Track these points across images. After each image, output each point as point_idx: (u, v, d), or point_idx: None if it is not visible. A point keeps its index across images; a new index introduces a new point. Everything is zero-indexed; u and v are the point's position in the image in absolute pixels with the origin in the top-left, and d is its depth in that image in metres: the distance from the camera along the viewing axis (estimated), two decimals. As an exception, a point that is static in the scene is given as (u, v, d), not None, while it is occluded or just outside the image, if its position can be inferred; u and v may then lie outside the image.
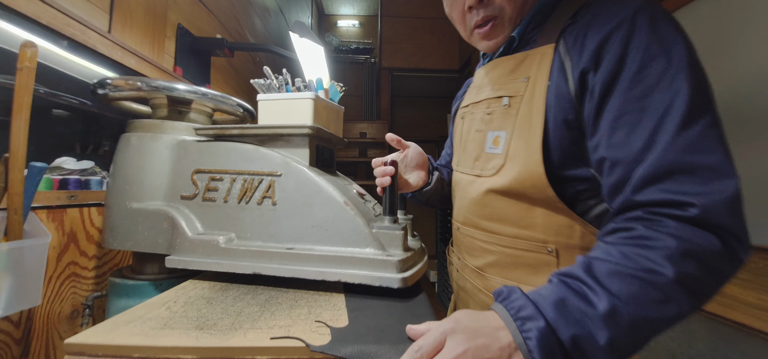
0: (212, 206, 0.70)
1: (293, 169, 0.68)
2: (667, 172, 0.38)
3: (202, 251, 0.66)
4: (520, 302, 0.38)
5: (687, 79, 0.39)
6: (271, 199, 0.68)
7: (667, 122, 0.39)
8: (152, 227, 0.69)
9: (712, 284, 0.37)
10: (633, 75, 0.42)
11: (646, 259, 0.36)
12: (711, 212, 0.36)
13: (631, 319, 0.35)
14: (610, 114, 0.43)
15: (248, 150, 0.71)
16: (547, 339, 0.35)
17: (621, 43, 0.43)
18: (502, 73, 0.60)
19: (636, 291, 0.35)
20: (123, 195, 0.71)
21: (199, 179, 0.71)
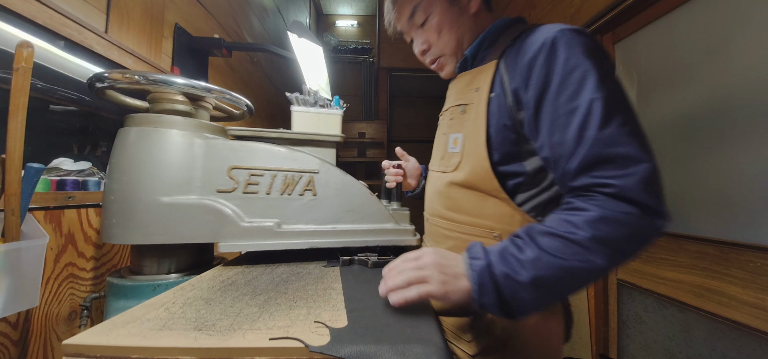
0: (254, 198, 0.82)
1: (327, 168, 0.88)
2: (593, 163, 0.48)
3: (256, 235, 0.79)
4: (476, 250, 0.52)
5: (601, 87, 0.49)
6: (312, 191, 0.86)
7: (590, 122, 0.48)
8: (192, 219, 0.76)
9: (628, 244, 0.46)
10: (557, 87, 0.52)
11: (571, 223, 0.47)
12: (627, 189, 0.45)
13: (549, 264, 0.46)
14: (547, 121, 0.54)
15: (283, 151, 0.86)
16: (484, 271, 0.48)
17: (545, 63, 0.53)
18: (461, 86, 0.72)
19: (558, 245, 0.46)
20: (150, 190, 0.73)
21: (237, 175, 0.81)
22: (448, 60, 0.74)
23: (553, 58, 0.53)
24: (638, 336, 1.48)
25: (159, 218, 0.74)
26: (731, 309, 1.09)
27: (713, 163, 1.15)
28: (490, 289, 0.47)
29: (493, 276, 0.47)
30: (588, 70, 0.50)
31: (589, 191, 0.48)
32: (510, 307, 0.47)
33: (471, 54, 0.70)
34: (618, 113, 0.48)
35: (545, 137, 0.54)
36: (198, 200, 0.76)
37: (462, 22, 0.69)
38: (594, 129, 0.48)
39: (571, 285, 0.47)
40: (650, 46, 1.42)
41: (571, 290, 0.48)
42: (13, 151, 0.61)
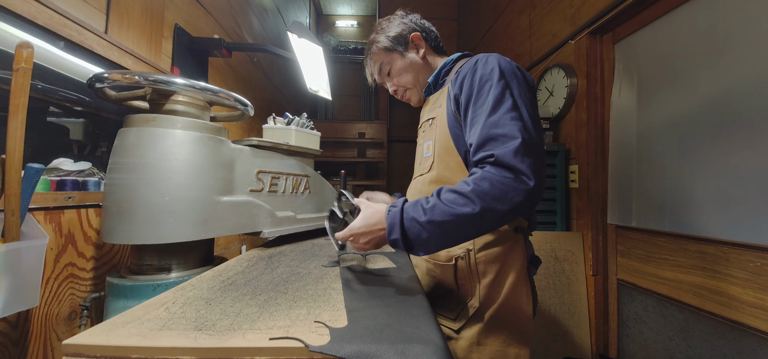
0: (276, 195, 1.09)
1: (313, 172, 1.30)
2: (484, 141, 0.64)
3: (286, 223, 1.12)
4: (397, 202, 0.66)
5: (499, 89, 0.66)
6: (308, 190, 1.25)
7: (486, 111, 0.66)
8: (242, 214, 0.95)
9: (500, 201, 0.58)
10: (476, 94, 0.70)
11: (464, 182, 0.61)
12: (503, 158, 0.59)
13: (442, 211, 0.59)
14: (469, 119, 0.70)
15: (290, 160, 1.17)
16: (396, 215, 0.63)
17: (470, 77, 0.73)
18: (429, 106, 0.91)
19: (451, 197, 0.60)
20: (206, 190, 0.84)
21: (263, 178, 1.04)
22: (412, 92, 0.97)
23: (474, 73, 0.72)
24: (638, 336, 1.48)
25: (219, 215, 0.88)
26: (731, 309, 1.09)
27: (713, 163, 1.15)
28: (397, 228, 0.62)
29: (402, 220, 0.62)
30: (493, 80, 0.68)
31: (481, 162, 0.63)
32: (410, 242, 0.61)
33: (433, 82, 0.91)
34: (505, 104, 0.65)
35: (468, 130, 0.70)
36: (244, 198, 0.96)
37: (414, 65, 0.93)
38: (485, 116, 0.65)
39: (457, 227, 0.59)
40: (650, 46, 1.42)
41: (459, 231, 0.60)
42: (13, 151, 0.61)
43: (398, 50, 0.94)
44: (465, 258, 0.76)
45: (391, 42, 0.94)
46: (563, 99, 1.81)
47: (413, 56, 0.94)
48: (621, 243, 1.57)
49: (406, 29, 0.94)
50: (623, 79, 1.57)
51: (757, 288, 1.02)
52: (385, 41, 0.95)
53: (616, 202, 1.57)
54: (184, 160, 0.79)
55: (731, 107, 1.10)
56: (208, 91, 0.84)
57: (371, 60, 0.98)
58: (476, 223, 0.59)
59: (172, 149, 0.77)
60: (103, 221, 0.77)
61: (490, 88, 0.67)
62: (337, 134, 4.01)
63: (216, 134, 0.87)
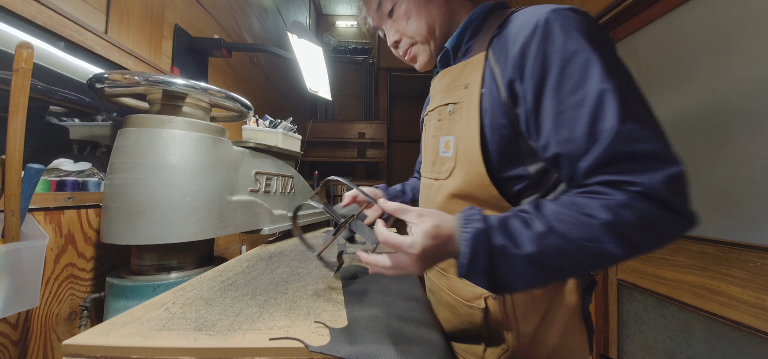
0: (270, 195, 1.14)
1: (295, 173, 1.34)
2: (612, 159, 0.42)
3: (281, 220, 1.17)
4: (472, 211, 0.45)
5: (609, 75, 0.43)
6: (294, 189, 1.31)
7: (604, 115, 0.42)
8: (247, 212, 0.99)
9: (648, 239, 0.41)
10: (558, 75, 0.45)
11: (587, 206, 0.41)
12: (654, 189, 0.40)
13: (556, 246, 0.41)
14: (550, 114, 0.47)
15: (278, 161, 1.21)
16: (479, 237, 0.42)
17: (540, 49, 0.47)
18: (447, 83, 0.64)
19: (570, 227, 0.41)
20: (220, 189, 0.87)
21: (259, 178, 1.08)
22: (421, 49, 0.67)
23: (548, 43, 0.46)
24: (638, 336, 1.48)
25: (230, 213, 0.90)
26: (731, 309, 1.09)
27: (713, 163, 1.15)
28: (483, 259, 0.42)
29: (489, 245, 0.42)
30: (590, 57, 0.44)
31: (608, 186, 0.42)
32: (500, 280, 0.43)
33: (453, 46, 0.63)
34: (634, 105, 0.43)
35: (550, 134, 0.47)
36: (247, 198, 0.99)
37: (431, 7, 0.64)
38: (612, 123, 0.41)
39: (574, 269, 0.44)
40: (650, 46, 1.42)
41: (570, 274, 0.45)
42: (13, 151, 0.61)
43: None
44: (499, 299, 0.56)
45: None
46: (563, 99, 1.80)
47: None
48: (621, 243, 1.57)
49: None
50: (623, 79, 1.56)
51: (757, 288, 1.02)
52: None
53: (616, 202, 1.57)
54: (201, 161, 0.81)
55: (731, 106, 1.10)
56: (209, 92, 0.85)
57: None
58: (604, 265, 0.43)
59: (186, 150, 0.79)
60: (104, 222, 0.77)
61: (592, 71, 0.44)
62: (337, 134, 4.01)
63: (219, 134, 0.88)
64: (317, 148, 4.00)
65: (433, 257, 0.44)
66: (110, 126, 1.02)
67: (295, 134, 1.45)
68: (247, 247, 1.91)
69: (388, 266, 0.46)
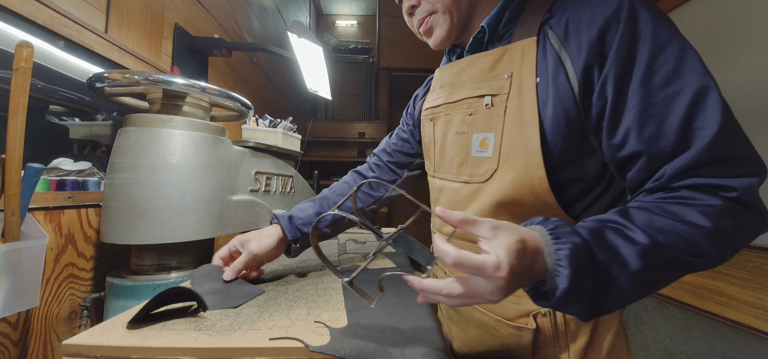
0: (269, 194, 1.13)
1: (295, 172, 1.33)
2: (708, 162, 0.38)
3: None
4: (557, 222, 0.38)
5: (707, 71, 0.40)
6: (294, 189, 1.31)
7: (703, 113, 0.39)
8: (247, 212, 0.98)
9: (739, 245, 0.39)
10: (647, 65, 0.41)
11: (686, 214, 0.37)
12: (749, 194, 0.38)
13: (667, 260, 0.36)
14: (635, 107, 0.41)
15: (278, 161, 1.21)
16: (582, 254, 0.35)
17: (626, 33, 0.42)
18: (480, 71, 0.55)
19: (673, 238, 0.37)
20: (221, 189, 0.87)
21: (259, 178, 1.08)
22: (440, 20, 0.57)
23: (636, 26, 0.41)
24: (638, 336, 1.48)
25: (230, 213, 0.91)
26: (731, 309, 1.09)
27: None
28: (588, 280, 0.35)
29: (594, 263, 0.35)
30: (686, 47, 0.40)
31: (699, 191, 0.39)
32: (600, 306, 0.37)
33: (490, 23, 0.54)
34: (726, 105, 0.40)
35: (631, 130, 0.42)
36: (247, 197, 0.99)
37: None
38: (714, 122, 0.38)
39: (669, 281, 0.39)
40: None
41: (664, 285, 0.40)
42: (13, 151, 0.61)
43: None
44: (549, 315, 0.51)
45: None
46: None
47: None
48: (621, 243, 1.57)
49: None
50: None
51: (757, 288, 1.02)
52: None
53: (616, 202, 1.57)
54: (201, 160, 0.81)
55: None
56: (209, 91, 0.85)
57: None
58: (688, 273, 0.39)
59: (186, 149, 0.79)
60: (104, 221, 0.77)
61: (687, 64, 0.40)
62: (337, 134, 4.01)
63: (219, 134, 0.88)
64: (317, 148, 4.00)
65: (520, 279, 0.35)
66: (110, 125, 1.02)
67: (295, 133, 1.46)
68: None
69: (459, 294, 0.36)
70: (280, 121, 1.37)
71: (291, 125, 1.43)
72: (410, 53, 3.93)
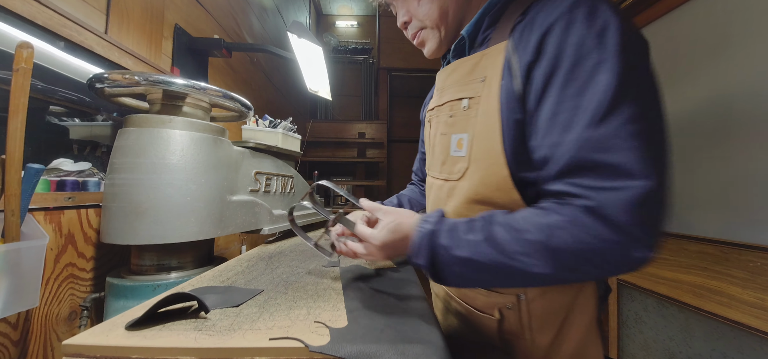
0: (269, 195, 1.13)
1: (295, 173, 1.34)
2: (575, 166, 0.39)
3: (281, 220, 1.17)
4: (432, 216, 0.50)
5: (616, 74, 0.39)
6: (294, 189, 1.32)
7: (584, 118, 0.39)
8: (247, 212, 0.99)
9: (587, 265, 0.38)
10: (566, 72, 0.41)
11: (528, 221, 0.41)
12: (606, 207, 0.36)
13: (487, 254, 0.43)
14: (547, 113, 0.43)
15: (278, 161, 1.23)
16: (427, 235, 0.47)
17: (559, 37, 0.42)
18: (462, 75, 0.58)
19: (506, 239, 0.41)
20: (221, 189, 0.88)
21: (259, 178, 1.08)
22: (430, 34, 0.62)
23: (569, 33, 0.42)
24: (638, 336, 1.48)
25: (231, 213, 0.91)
26: (731, 309, 1.09)
27: (713, 163, 1.15)
28: (425, 253, 0.47)
29: (433, 244, 0.47)
30: (606, 49, 0.40)
31: (562, 197, 0.40)
32: (439, 273, 0.48)
33: (469, 33, 0.57)
34: (625, 108, 0.38)
35: (543, 132, 0.44)
36: (247, 198, 0.99)
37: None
38: (585, 120, 0.39)
39: (501, 279, 0.45)
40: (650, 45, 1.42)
41: (500, 283, 0.48)
42: (13, 151, 0.61)
43: None
44: (515, 309, 0.54)
45: None
46: (563, 99, 1.81)
47: None
48: (621, 243, 1.57)
49: None
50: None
51: (757, 288, 1.02)
52: None
53: (616, 202, 1.57)
54: (201, 160, 0.81)
55: (731, 106, 1.10)
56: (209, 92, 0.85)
57: None
58: (540, 283, 0.41)
59: (186, 150, 0.79)
60: (104, 222, 0.77)
61: (599, 70, 0.39)
62: (337, 134, 4.02)
63: (219, 134, 0.88)
64: (317, 148, 4.00)
65: (392, 248, 0.51)
66: (110, 126, 1.03)
67: (295, 134, 1.46)
68: (247, 247, 1.91)
69: (360, 252, 0.54)
70: (280, 121, 1.37)
71: (291, 125, 1.43)
72: (410, 53, 3.93)
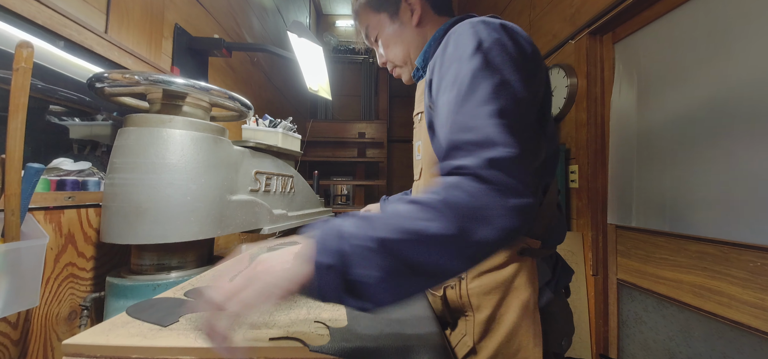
0: (269, 194, 1.14)
1: (295, 172, 1.36)
2: (448, 150, 0.45)
3: (281, 220, 1.18)
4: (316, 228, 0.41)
5: (471, 69, 0.47)
6: (294, 189, 1.33)
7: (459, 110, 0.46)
8: (247, 212, 0.99)
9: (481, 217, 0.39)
10: (442, 80, 0.52)
11: (427, 191, 0.41)
12: (476, 171, 0.41)
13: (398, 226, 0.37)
14: (436, 115, 0.53)
15: (278, 161, 1.22)
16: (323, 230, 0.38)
17: (439, 58, 0.54)
18: (419, 93, 0.71)
19: (411, 209, 0.39)
20: (221, 189, 0.87)
21: (259, 178, 1.08)
22: (402, 70, 0.78)
23: (444, 55, 0.53)
24: (638, 336, 1.48)
25: (230, 213, 0.91)
26: (731, 309, 1.09)
27: (713, 163, 1.15)
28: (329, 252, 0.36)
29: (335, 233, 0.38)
30: (462, 64, 0.48)
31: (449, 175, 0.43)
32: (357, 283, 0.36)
33: (421, 63, 0.71)
34: (479, 92, 0.45)
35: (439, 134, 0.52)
36: (247, 197, 1.00)
37: (405, 35, 0.72)
38: (452, 112, 0.46)
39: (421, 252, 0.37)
40: (650, 46, 1.42)
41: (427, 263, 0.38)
42: (13, 151, 0.61)
43: (386, 12, 0.72)
44: (455, 288, 0.59)
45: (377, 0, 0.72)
46: (563, 99, 1.80)
47: (405, 21, 0.71)
48: (621, 243, 1.57)
49: None
50: (623, 79, 1.57)
51: (757, 288, 1.02)
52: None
53: (616, 202, 1.57)
54: (201, 160, 0.81)
55: (731, 106, 1.10)
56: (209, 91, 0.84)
57: (359, 18, 0.78)
58: (450, 250, 0.38)
59: (186, 149, 0.79)
60: (104, 221, 0.77)
61: (459, 70, 0.48)
62: (337, 134, 4.02)
63: (219, 134, 0.88)
64: (317, 148, 4.00)
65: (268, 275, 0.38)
66: (110, 126, 1.02)
67: (295, 133, 1.46)
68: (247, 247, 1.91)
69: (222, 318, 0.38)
70: (280, 121, 1.37)
71: (291, 125, 1.43)
72: (410, 53, 3.92)
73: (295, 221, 1.29)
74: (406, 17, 0.71)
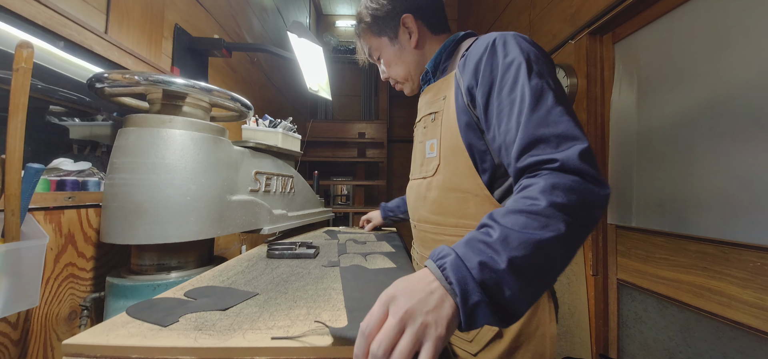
0: (269, 194, 1.14)
1: (295, 172, 1.36)
2: (530, 143, 0.51)
3: (281, 220, 1.17)
4: (440, 249, 0.44)
5: (534, 76, 0.55)
6: (294, 189, 1.33)
7: (523, 109, 0.53)
8: (247, 212, 0.99)
9: (582, 210, 0.45)
10: (499, 82, 0.59)
11: (528, 197, 0.45)
12: (568, 161, 0.46)
13: (520, 241, 0.41)
14: (494, 112, 0.59)
15: (278, 161, 1.23)
16: (458, 265, 0.40)
17: (488, 63, 0.61)
18: (430, 97, 0.78)
19: (522, 220, 0.43)
20: (221, 189, 0.88)
21: (259, 178, 1.08)
22: (403, 85, 0.87)
23: (494, 58, 0.61)
24: (638, 336, 1.48)
25: (230, 213, 0.91)
26: (731, 309, 1.09)
27: (713, 163, 1.15)
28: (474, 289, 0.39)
29: (469, 270, 0.40)
30: (520, 63, 0.56)
31: (533, 168, 0.50)
32: (502, 305, 0.40)
33: (432, 68, 0.78)
34: (548, 97, 0.53)
35: (495, 127, 0.59)
36: (247, 198, 1.00)
37: (405, 56, 0.81)
38: (527, 111, 0.52)
39: (547, 260, 0.42)
40: (650, 46, 1.42)
41: (550, 267, 0.43)
42: (13, 151, 0.61)
43: (386, 36, 0.81)
44: None
45: (378, 24, 0.80)
46: (563, 99, 1.81)
47: (404, 44, 0.80)
48: (621, 243, 1.57)
49: (394, 8, 0.78)
50: (623, 79, 1.57)
51: (757, 288, 1.02)
52: (370, 21, 0.81)
53: (616, 202, 1.57)
54: (201, 160, 0.81)
55: (731, 106, 1.10)
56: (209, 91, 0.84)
57: (361, 39, 0.87)
58: (565, 249, 0.43)
59: (186, 150, 0.79)
60: (104, 221, 0.77)
61: (521, 76, 0.55)
62: (337, 134, 4.01)
63: (219, 134, 0.88)
64: (317, 148, 4.00)
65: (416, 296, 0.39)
66: (110, 126, 1.02)
67: (295, 133, 1.46)
68: (247, 247, 1.91)
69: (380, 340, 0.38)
70: (280, 121, 1.37)
71: (291, 125, 1.43)
72: (410, 53, 3.92)
73: (295, 221, 1.29)
74: (405, 40, 0.80)
